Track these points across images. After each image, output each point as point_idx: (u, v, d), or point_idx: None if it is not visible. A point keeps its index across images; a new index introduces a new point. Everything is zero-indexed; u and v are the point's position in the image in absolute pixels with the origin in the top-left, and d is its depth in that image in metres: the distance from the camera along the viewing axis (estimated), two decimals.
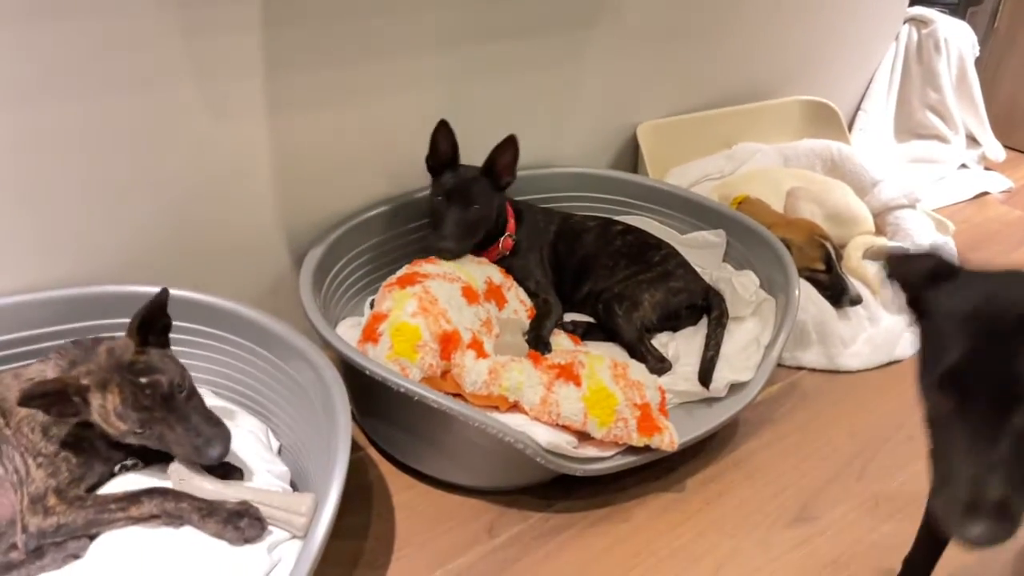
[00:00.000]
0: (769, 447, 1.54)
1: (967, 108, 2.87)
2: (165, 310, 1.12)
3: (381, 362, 1.30)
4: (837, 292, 1.81)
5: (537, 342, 1.47)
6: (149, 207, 1.38)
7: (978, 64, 2.86)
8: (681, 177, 2.14)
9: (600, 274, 1.67)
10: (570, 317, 1.67)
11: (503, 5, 1.67)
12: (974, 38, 2.84)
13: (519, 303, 1.59)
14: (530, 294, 1.64)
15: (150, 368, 1.06)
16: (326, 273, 1.53)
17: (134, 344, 1.08)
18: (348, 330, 1.52)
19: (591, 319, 1.67)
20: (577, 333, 1.61)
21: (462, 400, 1.32)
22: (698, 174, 2.16)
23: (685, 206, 1.91)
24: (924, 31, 2.76)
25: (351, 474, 1.31)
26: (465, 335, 1.38)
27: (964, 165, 2.87)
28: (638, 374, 1.38)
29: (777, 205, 2.02)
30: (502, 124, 1.78)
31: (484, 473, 1.36)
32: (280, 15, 1.36)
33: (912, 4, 2.80)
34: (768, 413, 1.63)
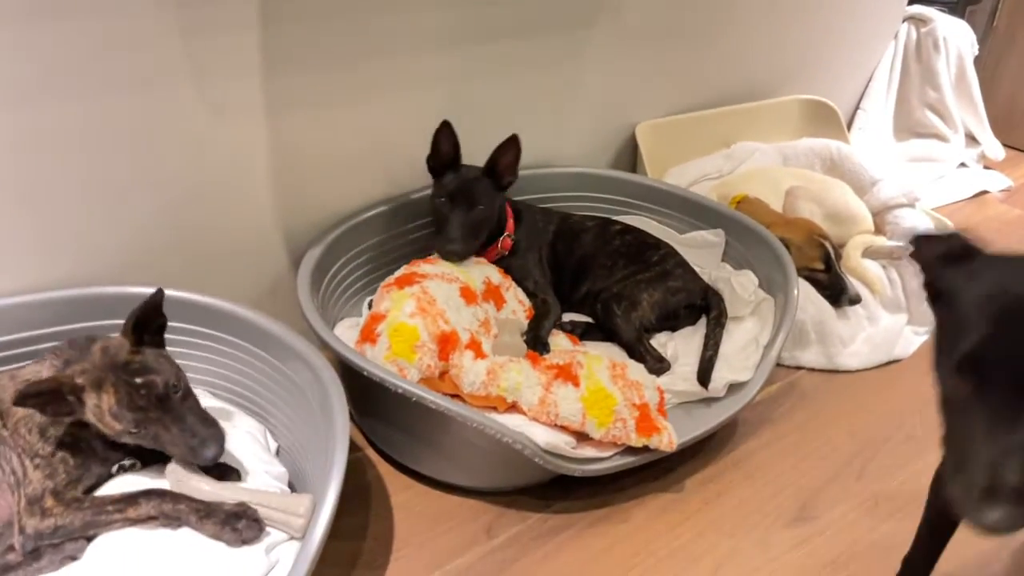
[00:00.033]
0: (768, 447, 1.54)
1: (966, 107, 2.87)
2: (160, 310, 1.12)
3: (379, 363, 1.30)
4: (836, 292, 1.81)
5: (535, 342, 1.47)
6: (148, 208, 1.38)
7: (977, 63, 2.86)
8: (680, 176, 2.13)
9: (599, 274, 1.67)
10: (569, 317, 1.67)
11: (502, 5, 1.67)
12: (973, 37, 2.83)
13: (517, 303, 1.59)
14: (528, 294, 1.63)
15: (145, 368, 1.06)
16: (324, 273, 1.53)
17: (129, 343, 1.08)
18: (346, 330, 1.52)
19: (590, 319, 1.66)
20: (576, 333, 1.61)
21: (460, 401, 1.32)
22: (697, 173, 2.16)
23: (684, 206, 1.91)
24: (923, 30, 2.75)
25: (349, 475, 1.31)
26: (463, 335, 1.38)
27: (963, 164, 2.87)
28: (637, 374, 1.38)
29: (776, 204, 2.01)
30: (500, 124, 1.78)
31: (482, 474, 1.36)
32: (278, 15, 1.36)
33: (911, 3, 2.80)
34: (767, 413, 1.63)
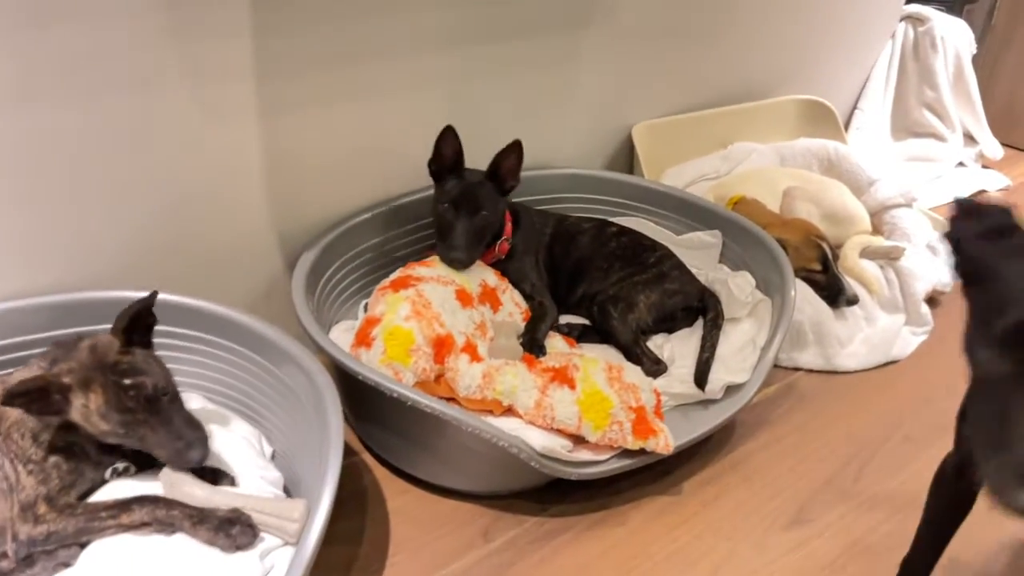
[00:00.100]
0: (766, 449, 1.53)
1: (964, 106, 2.87)
2: (152, 311, 1.11)
3: (374, 366, 1.29)
4: (834, 292, 1.80)
5: (532, 345, 1.46)
6: (141, 211, 1.38)
7: (975, 61, 2.85)
8: (677, 178, 2.13)
9: (595, 276, 1.66)
10: (565, 319, 1.67)
11: (498, 6, 1.66)
12: (971, 35, 2.83)
13: (514, 306, 1.59)
14: (525, 297, 1.63)
15: (135, 369, 1.05)
16: (319, 277, 1.52)
17: (119, 343, 1.07)
18: (342, 334, 1.51)
19: (586, 321, 1.66)
20: (572, 335, 1.60)
21: (456, 404, 1.31)
22: (694, 174, 2.16)
23: (681, 207, 1.90)
24: (920, 29, 2.75)
25: (345, 479, 1.30)
26: (459, 339, 1.38)
27: (961, 163, 2.87)
28: (633, 377, 1.38)
29: (773, 205, 2.01)
30: (496, 126, 1.78)
31: (479, 478, 1.35)
32: (272, 17, 1.35)
33: (908, 2, 2.80)
34: (765, 414, 1.62)
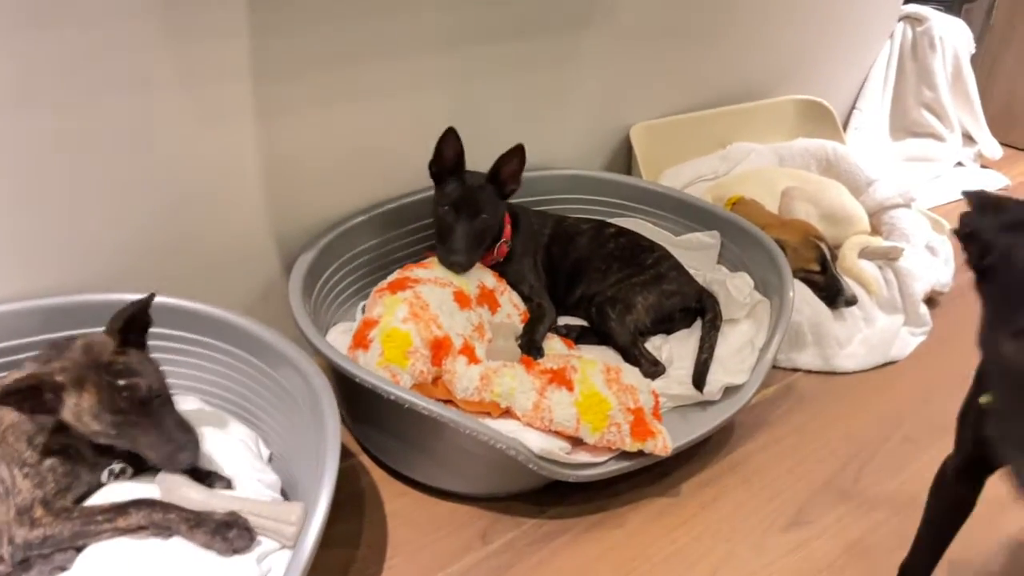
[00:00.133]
0: (765, 450, 1.53)
1: (963, 106, 2.87)
2: (148, 312, 1.11)
3: (372, 369, 1.29)
4: (832, 293, 1.80)
5: (530, 347, 1.46)
6: (137, 213, 1.37)
7: (974, 61, 2.85)
8: (675, 178, 2.13)
9: (593, 277, 1.66)
10: (563, 320, 1.66)
11: (495, 7, 1.66)
12: (970, 35, 2.83)
13: (512, 307, 1.58)
14: (524, 298, 1.62)
15: (129, 370, 1.04)
16: (317, 278, 1.52)
17: (114, 343, 1.06)
18: (339, 336, 1.50)
19: (584, 322, 1.65)
20: (571, 337, 1.60)
21: (454, 407, 1.31)
22: (692, 175, 2.15)
23: (679, 207, 1.90)
24: (919, 29, 2.75)
25: (343, 482, 1.30)
26: (456, 341, 1.37)
27: (960, 163, 2.87)
28: (631, 378, 1.37)
29: (772, 205, 2.01)
30: (493, 126, 1.78)
31: (477, 480, 1.35)
32: (269, 19, 1.35)
33: (907, 2, 2.79)
34: (763, 416, 1.62)
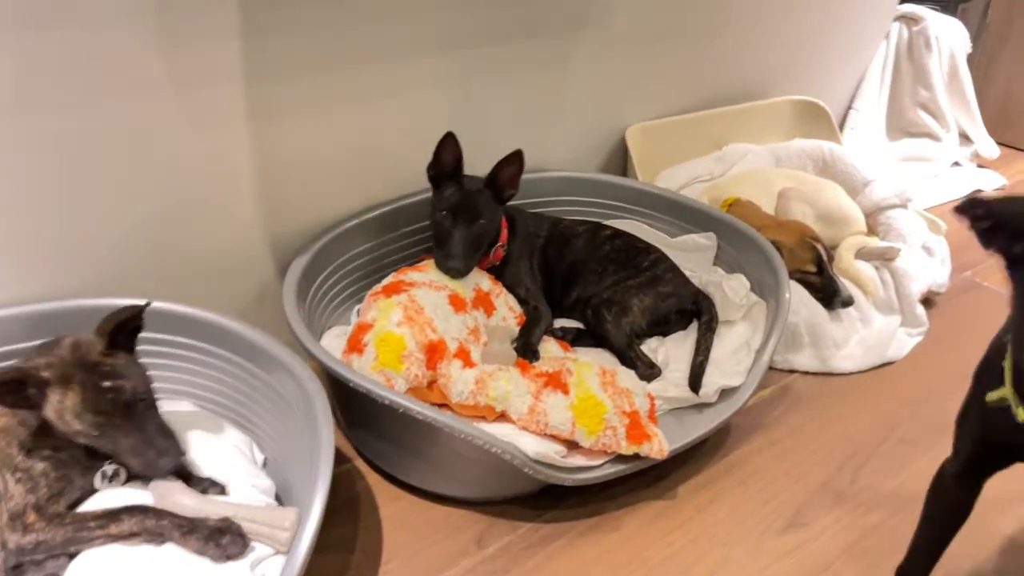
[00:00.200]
0: (761, 452, 1.52)
1: (959, 105, 2.87)
2: (141, 317, 1.11)
3: (366, 373, 1.28)
4: (829, 294, 1.80)
5: (525, 350, 1.45)
6: (131, 218, 1.37)
7: (970, 60, 2.85)
8: (671, 179, 2.12)
9: (589, 279, 1.65)
10: (559, 323, 1.66)
11: (489, 10, 1.65)
12: (966, 34, 2.83)
13: (508, 310, 1.58)
14: (520, 301, 1.62)
15: (115, 372, 1.04)
16: (311, 282, 1.51)
17: (102, 344, 1.06)
18: (334, 340, 1.50)
19: (580, 325, 1.65)
20: (567, 339, 1.59)
21: (449, 411, 1.30)
22: (688, 176, 2.15)
23: (675, 209, 1.90)
24: (915, 29, 2.75)
25: (338, 486, 1.30)
26: (451, 344, 1.37)
27: (957, 163, 2.87)
28: (627, 381, 1.37)
29: (768, 206, 2.00)
30: (488, 129, 1.78)
31: (472, 484, 1.35)
32: (259, 23, 1.34)
33: (902, 1, 2.79)
34: (760, 417, 1.61)
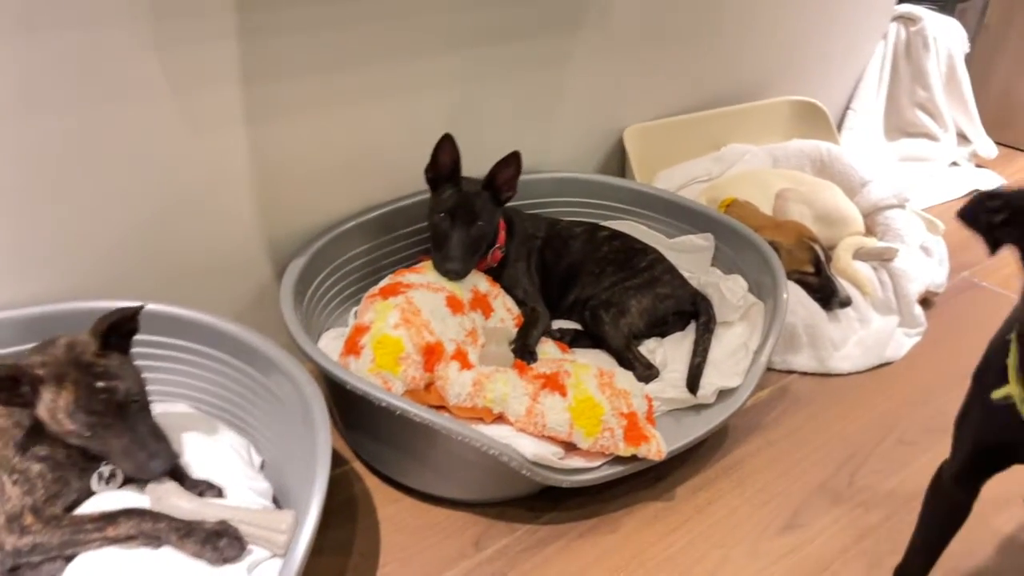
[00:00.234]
0: (759, 453, 1.52)
1: (957, 105, 2.87)
2: (136, 319, 1.11)
3: (363, 375, 1.28)
4: (827, 294, 1.80)
5: (523, 351, 1.45)
6: (128, 220, 1.37)
7: (968, 60, 2.85)
8: (668, 180, 2.12)
9: (587, 281, 1.65)
10: (558, 324, 1.65)
11: (487, 11, 1.65)
12: (964, 34, 2.83)
13: (505, 312, 1.57)
14: (518, 302, 1.61)
15: (109, 373, 1.04)
16: (308, 284, 1.51)
17: (96, 344, 1.06)
18: (332, 342, 1.50)
19: (578, 326, 1.65)
20: (565, 341, 1.59)
21: (446, 413, 1.30)
22: (686, 177, 2.15)
23: (672, 210, 1.89)
24: (912, 29, 2.75)
25: (335, 489, 1.30)
26: (449, 346, 1.37)
27: (955, 163, 2.86)
28: (624, 382, 1.37)
29: (766, 207, 2.00)
30: (486, 129, 1.78)
31: (470, 486, 1.34)
32: (257, 25, 1.34)
33: (900, 2, 2.79)
34: (758, 418, 1.61)
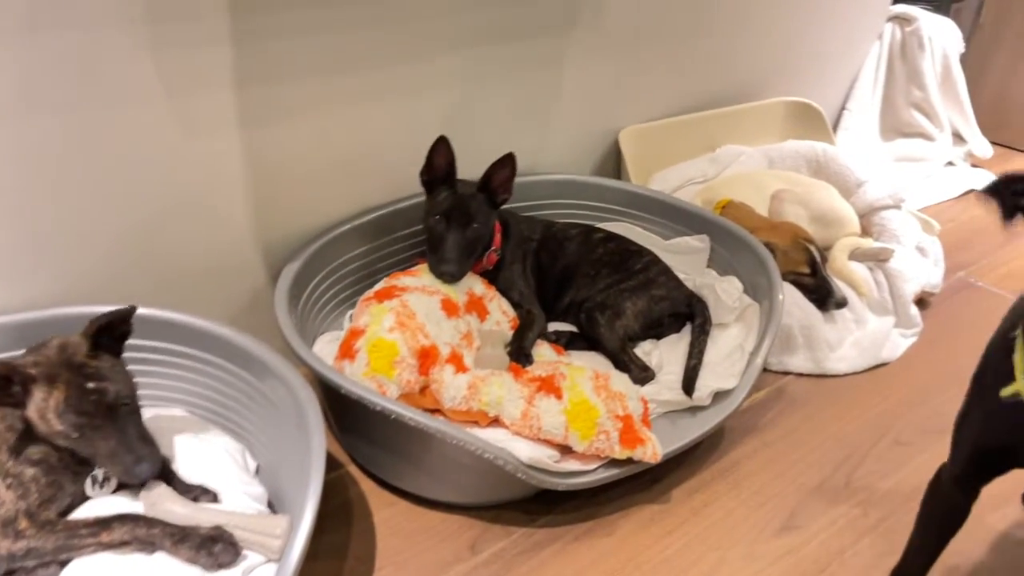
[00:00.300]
0: (755, 455, 1.52)
1: (952, 105, 2.87)
2: (128, 321, 1.11)
3: (358, 379, 1.28)
4: (823, 295, 1.80)
5: (519, 354, 1.45)
6: (122, 225, 1.36)
7: (964, 60, 2.85)
8: (664, 182, 2.12)
9: (582, 283, 1.65)
10: (553, 327, 1.65)
11: (481, 13, 1.65)
12: (959, 34, 2.83)
13: (501, 314, 1.57)
14: (514, 305, 1.61)
15: (100, 374, 1.05)
16: (303, 288, 1.51)
17: (87, 346, 1.06)
18: (327, 346, 1.50)
19: (574, 328, 1.64)
20: (560, 343, 1.59)
21: (441, 416, 1.30)
22: (681, 178, 2.15)
23: (668, 211, 1.89)
24: (908, 29, 2.75)
25: (331, 493, 1.29)
26: (444, 350, 1.37)
27: (951, 163, 2.87)
28: (620, 385, 1.36)
29: (761, 208, 2.00)
30: (481, 131, 1.77)
31: (465, 489, 1.34)
32: (252, 29, 1.34)
33: (895, 2, 2.79)
34: (754, 420, 1.61)
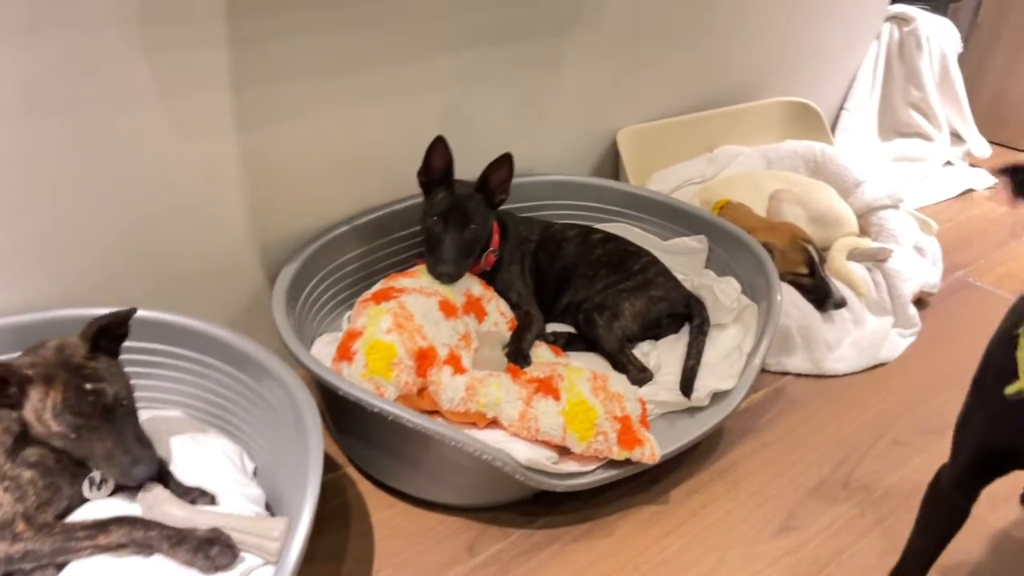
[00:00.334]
0: (753, 456, 1.52)
1: (950, 105, 2.87)
2: (127, 323, 1.11)
3: (356, 381, 1.28)
4: (821, 296, 1.79)
5: (517, 355, 1.45)
6: (119, 227, 1.36)
7: (962, 60, 2.86)
8: (662, 182, 2.12)
9: (580, 284, 1.65)
10: (551, 328, 1.65)
11: (480, 13, 1.65)
12: (957, 34, 2.83)
13: (499, 315, 1.57)
14: (512, 306, 1.61)
15: (97, 375, 1.05)
16: (301, 290, 1.51)
17: (85, 347, 1.07)
18: (325, 347, 1.49)
19: (572, 329, 1.64)
20: (558, 344, 1.59)
21: (439, 418, 1.30)
22: (679, 179, 2.14)
23: (666, 212, 1.89)
24: (906, 29, 2.75)
25: (328, 495, 1.29)
26: (442, 351, 1.36)
27: (949, 162, 2.87)
28: (618, 386, 1.36)
29: (760, 208, 2.00)
30: (479, 132, 1.77)
31: (464, 491, 1.34)
32: (248, 30, 1.34)
33: (893, 2, 2.79)
34: (752, 421, 1.61)
